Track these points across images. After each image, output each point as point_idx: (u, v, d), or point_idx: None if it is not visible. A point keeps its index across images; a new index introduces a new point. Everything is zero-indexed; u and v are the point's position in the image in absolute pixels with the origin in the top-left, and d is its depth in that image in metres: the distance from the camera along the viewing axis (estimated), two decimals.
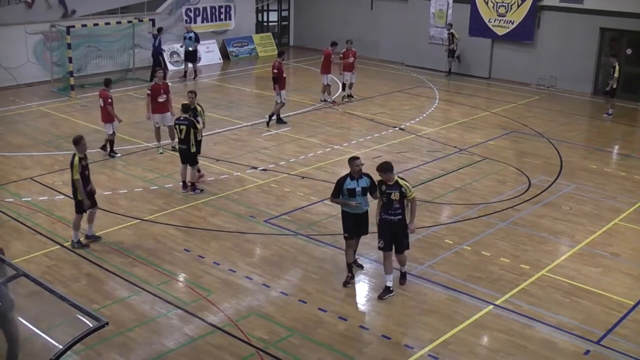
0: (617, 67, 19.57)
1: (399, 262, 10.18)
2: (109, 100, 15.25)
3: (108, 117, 15.27)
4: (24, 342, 8.27)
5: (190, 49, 24.30)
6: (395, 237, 9.84)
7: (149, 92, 15.79)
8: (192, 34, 24.30)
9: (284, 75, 18.44)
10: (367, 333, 9.10)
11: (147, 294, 9.88)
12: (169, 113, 15.86)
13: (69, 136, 17.08)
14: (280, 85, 18.16)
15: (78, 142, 10.96)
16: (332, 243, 11.61)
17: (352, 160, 9.92)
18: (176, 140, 16.21)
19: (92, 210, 11.33)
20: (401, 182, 9.69)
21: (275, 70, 18.17)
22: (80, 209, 11.10)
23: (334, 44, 20.97)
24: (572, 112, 20.77)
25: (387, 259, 9.88)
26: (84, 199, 10.99)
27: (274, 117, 18.50)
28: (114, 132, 15.50)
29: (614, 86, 19.78)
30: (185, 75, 24.52)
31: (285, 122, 18.51)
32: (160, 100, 15.69)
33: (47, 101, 20.70)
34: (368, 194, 9.98)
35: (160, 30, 23.62)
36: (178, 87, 23.52)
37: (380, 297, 9.89)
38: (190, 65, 24.64)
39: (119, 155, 15.65)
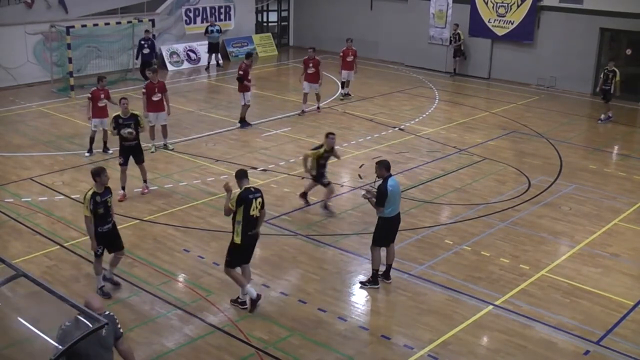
0: (617, 72, 19.44)
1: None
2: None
3: (103, 112, 15.49)
4: (24, 342, 8.27)
5: (222, 41, 26.65)
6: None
7: (143, 90, 15.93)
8: (217, 27, 26.11)
9: (249, 77, 17.90)
10: (367, 333, 9.10)
11: (147, 294, 9.88)
12: (163, 112, 15.90)
13: (69, 136, 17.16)
14: (245, 88, 17.87)
15: (98, 174, 9.54)
16: (332, 243, 11.61)
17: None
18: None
19: (115, 255, 9.95)
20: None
21: (240, 72, 17.84)
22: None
23: (310, 49, 19.85)
24: (571, 112, 20.77)
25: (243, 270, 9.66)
26: (92, 240, 9.51)
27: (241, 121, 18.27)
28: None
29: (612, 90, 19.55)
30: (218, 65, 26.32)
31: (250, 125, 18.21)
32: (155, 99, 15.71)
33: (47, 101, 20.69)
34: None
35: (147, 31, 22.57)
36: (214, 80, 23.67)
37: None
38: (213, 56, 26.25)
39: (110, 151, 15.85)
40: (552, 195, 13.94)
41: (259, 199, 9.26)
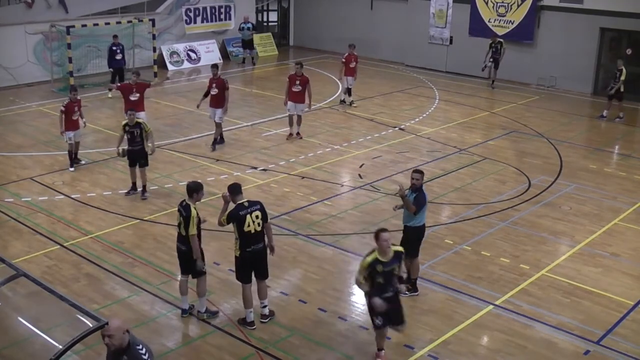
0: (623, 70, 19.46)
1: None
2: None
3: (76, 124, 14.85)
4: (24, 342, 8.28)
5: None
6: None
7: (117, 85, 16.25)
8: (249, 24, 26.50)
9: (212, 91, 16.48)
10: (367, 333, 9.09)
11: (147, 294, 9.88)
12: (142, 112, 15.56)
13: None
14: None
15: (198, 190, 9.22)
16: (332, 243, 11.61)
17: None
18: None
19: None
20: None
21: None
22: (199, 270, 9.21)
23: (297, 64, 17.17)
24: (572, 112, 20.77)
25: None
26: (198, 259, 9.06)
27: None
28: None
29: (621, 89, 19.59)
30: (252, 62, 26.41)
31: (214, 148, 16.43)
32: (133, 99, 15.45)
33: (47, 101, 20.69)
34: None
35: (115, 36, 21.11)
36: (240, 76, 23.64)
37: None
38: (248, 52, 26.88)
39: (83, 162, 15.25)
40: (552, 195, 13.94)
41: (256, 213, 8.70)
